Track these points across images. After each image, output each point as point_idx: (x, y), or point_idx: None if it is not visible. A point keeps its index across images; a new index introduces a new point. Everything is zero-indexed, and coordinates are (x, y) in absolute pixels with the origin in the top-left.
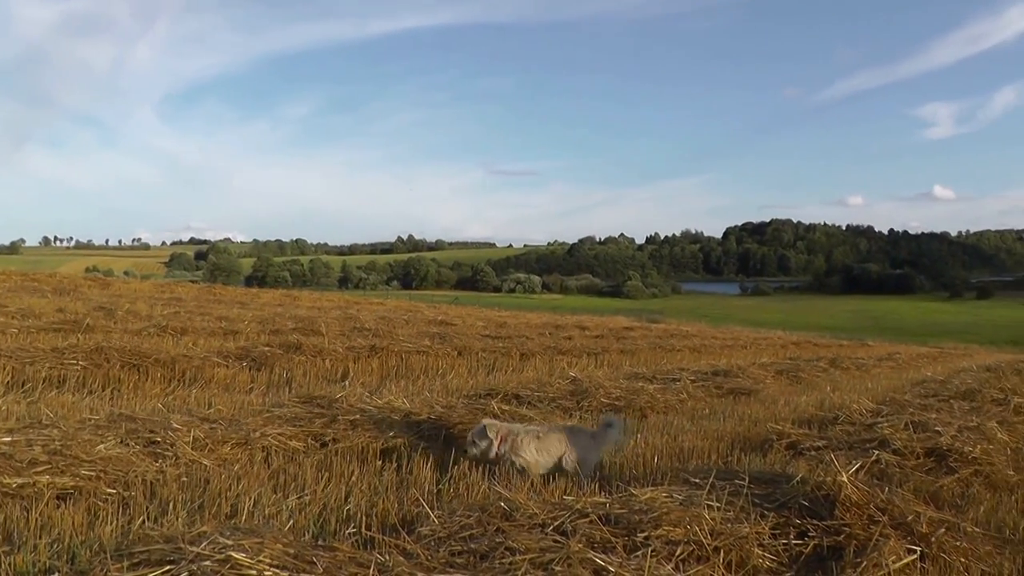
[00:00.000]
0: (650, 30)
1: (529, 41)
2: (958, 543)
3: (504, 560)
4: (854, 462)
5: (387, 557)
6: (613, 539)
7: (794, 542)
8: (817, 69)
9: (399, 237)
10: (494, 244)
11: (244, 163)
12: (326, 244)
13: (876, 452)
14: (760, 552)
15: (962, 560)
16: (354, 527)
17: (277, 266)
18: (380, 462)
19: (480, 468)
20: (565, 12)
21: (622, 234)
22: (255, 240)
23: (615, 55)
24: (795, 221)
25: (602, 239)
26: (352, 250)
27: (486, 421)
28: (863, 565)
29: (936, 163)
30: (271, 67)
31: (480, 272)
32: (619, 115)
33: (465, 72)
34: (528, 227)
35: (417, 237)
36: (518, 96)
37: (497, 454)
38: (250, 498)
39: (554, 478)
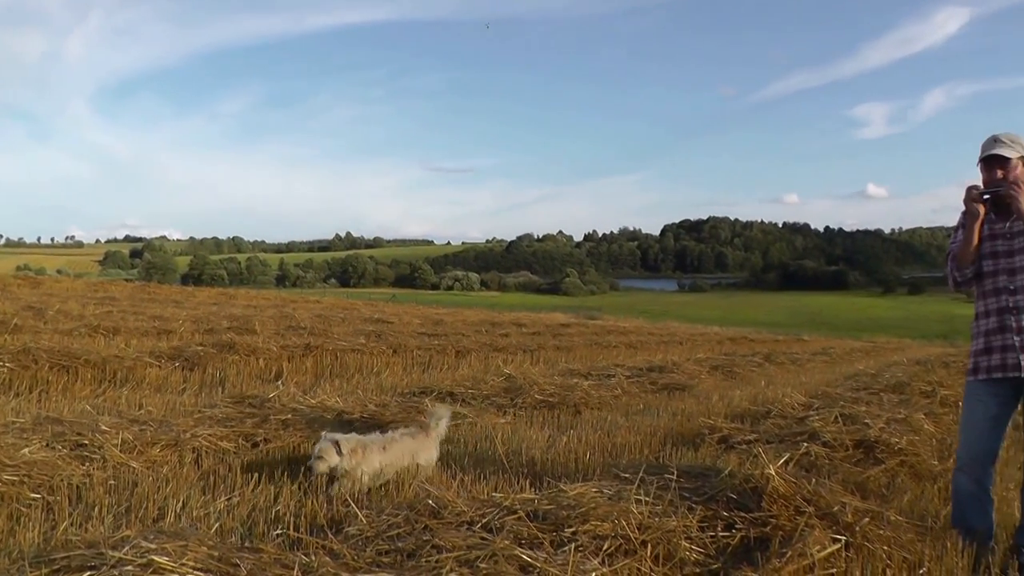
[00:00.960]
0: (586, 28)
1: (465, 38)
2: (882, 532)
3: (430, 558)
4: (783, 455)
5: (312, 558)
6: (540, 535)
7: (721, 534)
8: (753, 69)
9: (337, 234)
10: (432, 241)
11: (180, 159)
12: (263, 242)
13: (806, 445)
14: (687, 545)
15: (885, 548)
16: (282, 528)
17: (213, 264)
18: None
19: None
20: (500, 9)
21: (560, 231)
22: (191, 238)
23: (552, 53)
24: (732, 219)
25: (540, 236)
26: (290, 248)
27: (337, 435)
28: (788, 555)
29: (869, 162)
30: (206, 61)
31: (418, 270)
32: (556, 112)
33: (402, 68)
34: (466, 224)
35: (355, 234)
36: (455, 93)
37: (346, 469)
38: (178, 500)
39: (485, 476)
